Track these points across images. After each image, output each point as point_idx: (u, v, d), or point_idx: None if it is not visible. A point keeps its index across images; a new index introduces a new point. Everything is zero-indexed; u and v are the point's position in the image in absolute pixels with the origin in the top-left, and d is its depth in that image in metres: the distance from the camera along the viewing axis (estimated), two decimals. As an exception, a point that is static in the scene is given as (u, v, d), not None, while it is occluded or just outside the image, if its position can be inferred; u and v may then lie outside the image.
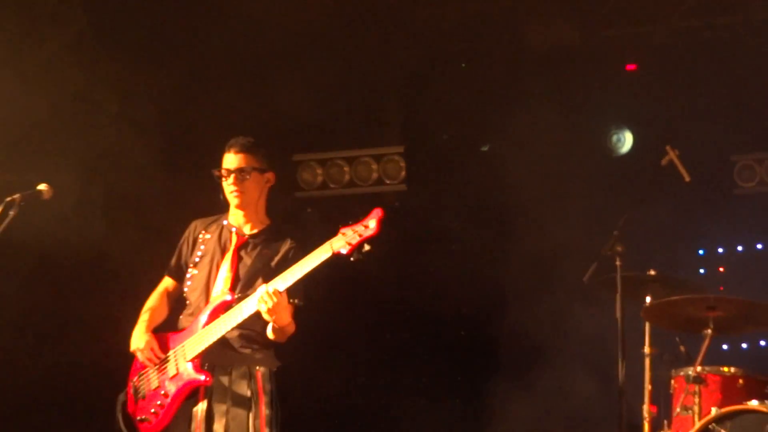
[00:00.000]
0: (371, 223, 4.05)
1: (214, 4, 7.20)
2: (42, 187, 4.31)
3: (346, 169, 8.18)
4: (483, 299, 7.75)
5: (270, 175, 4.56)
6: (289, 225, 5.24)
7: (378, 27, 8.12)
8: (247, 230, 4.54)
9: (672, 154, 5.84)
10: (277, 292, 4.08)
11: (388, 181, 8.06)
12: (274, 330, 4.32)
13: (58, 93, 6.18)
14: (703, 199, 7.70)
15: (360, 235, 4.04)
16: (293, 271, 4.16)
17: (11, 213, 4.18)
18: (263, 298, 4.10)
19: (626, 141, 7.81)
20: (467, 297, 7.76)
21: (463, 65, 8.31)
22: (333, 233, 4.06)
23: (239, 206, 4.48)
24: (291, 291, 4.26)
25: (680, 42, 7.88)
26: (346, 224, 4.10)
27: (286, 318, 4.28)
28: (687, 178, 5.85)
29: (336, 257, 4.08)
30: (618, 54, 7.93)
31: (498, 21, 7.95)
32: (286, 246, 4.54)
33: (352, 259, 4.03)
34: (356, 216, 4.11)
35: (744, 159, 7.82)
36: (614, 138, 7.90)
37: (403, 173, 8.03)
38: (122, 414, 4.55)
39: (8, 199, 4.19)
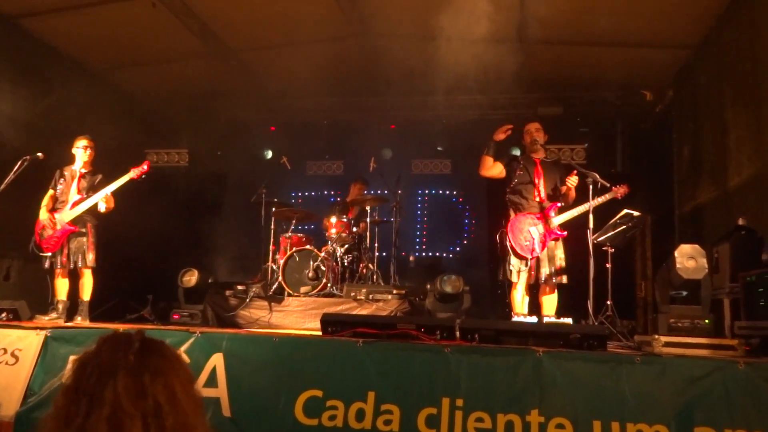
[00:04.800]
0: (144, 166, 5.70)
1: None
2: (39, 154, 5.60)
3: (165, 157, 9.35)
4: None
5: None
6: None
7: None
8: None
9: (285, 160, 8.77)
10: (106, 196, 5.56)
11: (182, 162, 9.30)
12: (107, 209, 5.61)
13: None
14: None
15: (142, 171, 5.70)
16: (112, 185, 5.60)
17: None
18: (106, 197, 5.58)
19: (269, 153, 9.70)
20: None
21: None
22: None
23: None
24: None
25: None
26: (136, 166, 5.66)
27: (111, 205, 5.65)
28: (289, 167, 8.42)
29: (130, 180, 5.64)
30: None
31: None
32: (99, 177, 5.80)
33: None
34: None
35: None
36: (265, 153, 9.72)
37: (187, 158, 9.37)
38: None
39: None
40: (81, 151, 5.87)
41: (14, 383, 4.03)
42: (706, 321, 4.14)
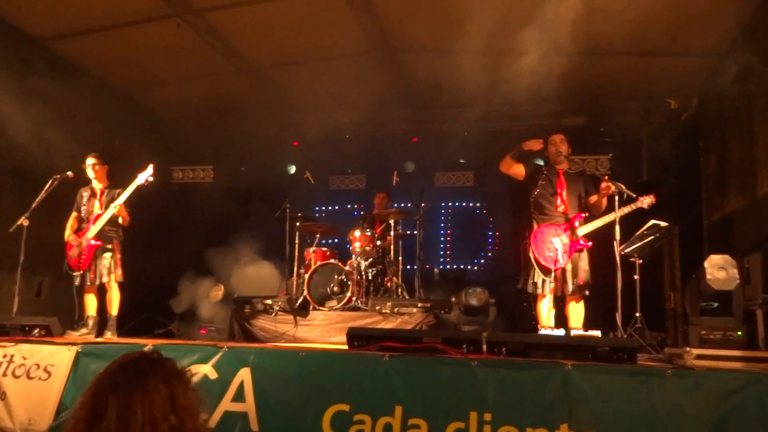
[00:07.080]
0: (149, 169, 5.76)
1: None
2: (69, 173, 5.89)
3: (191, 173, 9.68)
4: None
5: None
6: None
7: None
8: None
9: (308, 175, 8.97)
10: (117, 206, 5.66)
11: (207, 179, 9.48)
12: (123, 221, 5.82)
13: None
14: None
15: (150, 177, 5.74)
16: (124, 195, 5.70)
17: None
18: (115, 207, 5.66)
19: (292, 168, 9.71)
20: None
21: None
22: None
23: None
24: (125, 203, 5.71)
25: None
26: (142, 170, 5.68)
27: (125, 215, 5.82)
28: (312, 182, 8.71)
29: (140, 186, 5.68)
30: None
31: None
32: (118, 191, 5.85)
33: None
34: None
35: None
36: (289, 167, 9.72)
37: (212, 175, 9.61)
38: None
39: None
40: (90, 170, 5.98)
41: (47, 398, 4.12)
42: (739, 333, 4.07)
